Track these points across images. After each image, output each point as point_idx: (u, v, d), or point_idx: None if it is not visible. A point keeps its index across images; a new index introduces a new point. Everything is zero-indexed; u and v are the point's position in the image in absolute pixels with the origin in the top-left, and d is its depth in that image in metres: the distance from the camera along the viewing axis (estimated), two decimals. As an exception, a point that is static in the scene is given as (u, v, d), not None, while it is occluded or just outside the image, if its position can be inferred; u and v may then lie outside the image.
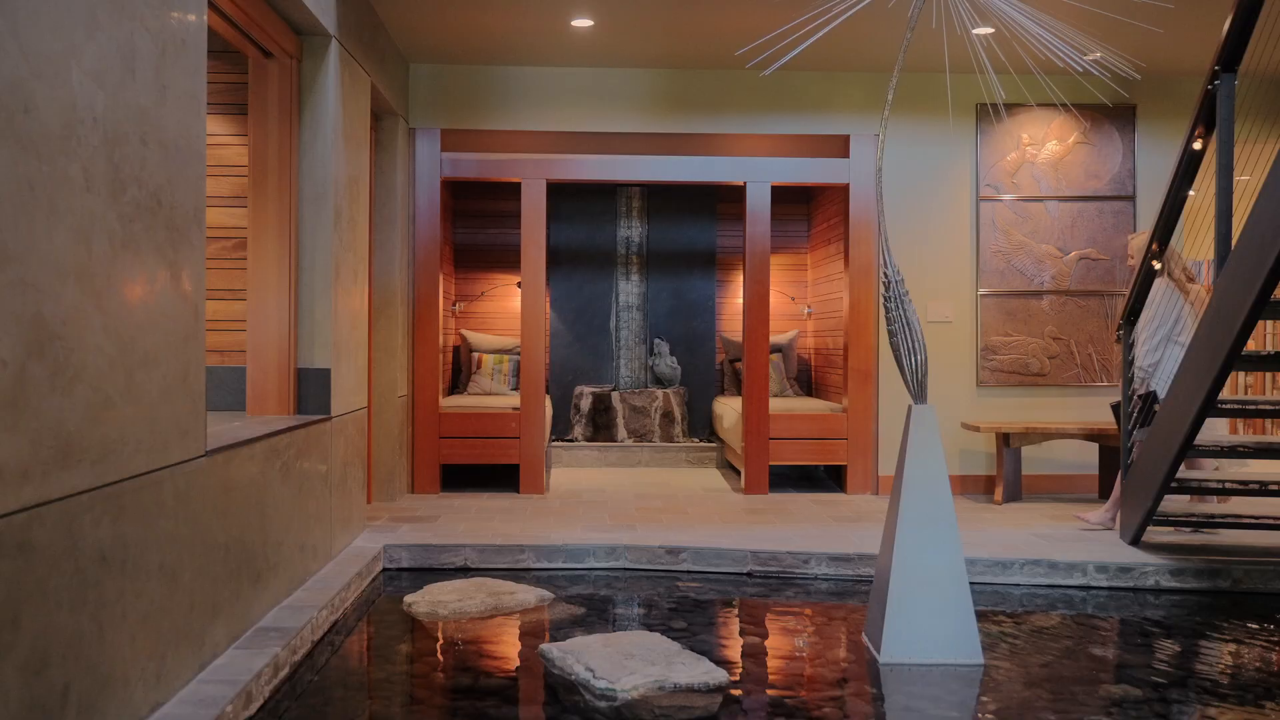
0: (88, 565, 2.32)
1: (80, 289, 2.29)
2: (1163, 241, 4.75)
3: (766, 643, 3.99)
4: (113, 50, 2.44)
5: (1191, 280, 5.11)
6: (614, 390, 8.21)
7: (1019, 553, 4.81)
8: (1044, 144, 6.61)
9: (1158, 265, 4.79)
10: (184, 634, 2.88)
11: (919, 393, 3.65)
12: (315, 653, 3.58)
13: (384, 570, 4.83)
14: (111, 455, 2.43)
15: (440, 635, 3.96)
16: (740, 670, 3.56)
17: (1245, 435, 7.45)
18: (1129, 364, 5.08)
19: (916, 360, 3.62)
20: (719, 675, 3.29)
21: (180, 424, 2.84)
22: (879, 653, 3.52)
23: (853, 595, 4.59)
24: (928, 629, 3.50)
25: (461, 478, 6.93)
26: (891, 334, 3.68)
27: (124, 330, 2.50)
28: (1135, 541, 4.97)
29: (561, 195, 8.21)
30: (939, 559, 3.54)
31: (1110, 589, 4.63)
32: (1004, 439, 6.26)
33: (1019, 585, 4.67)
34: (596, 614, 4.25)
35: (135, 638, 2.56)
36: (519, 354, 7.10)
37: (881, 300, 3.73)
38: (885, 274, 3.70)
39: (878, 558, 3.77)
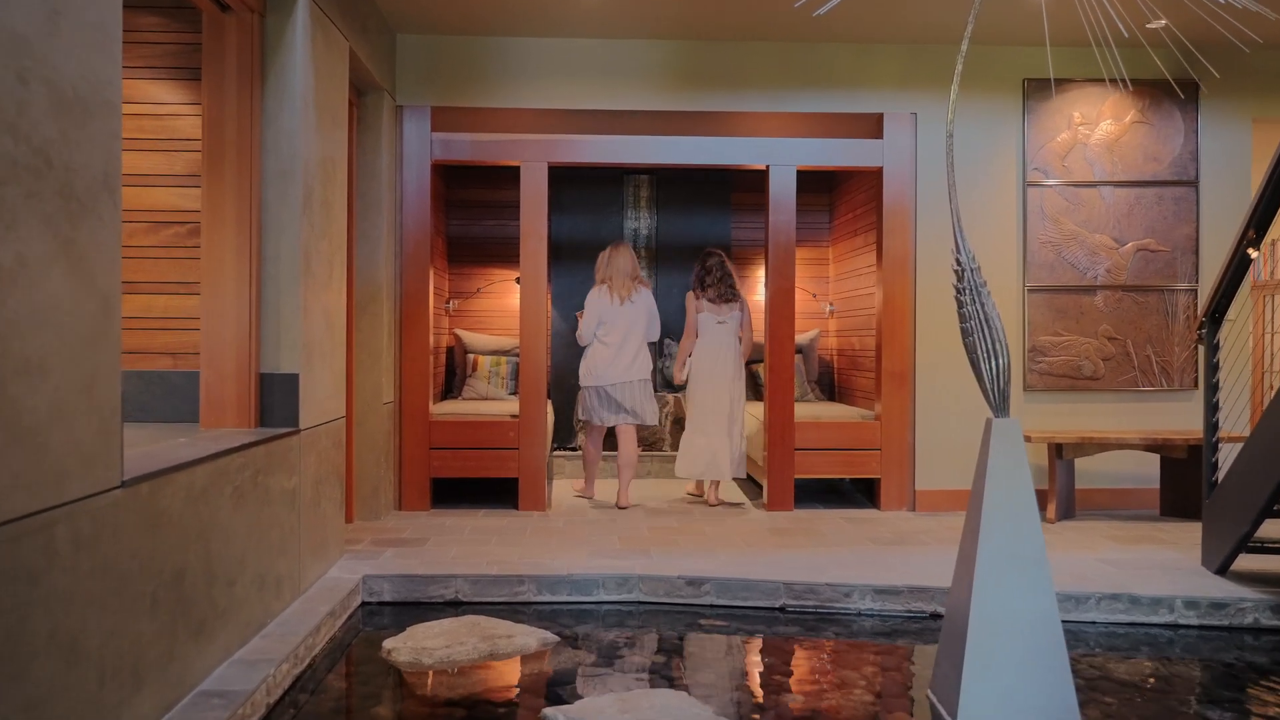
0: (-74, 649, 1.70)
1: (-87, 271, 1.67)
2: (1261, 227, 4.12)
3: (813, 702, 3.35)
4: (-30, -48, 1.82)
5: (638, 280, 6.04)
6: (621, 395, 7.57)
7: (1092, 585, 4.19)
8: (1098, 123, 5.98)
9: (1254, 253, 4.16)
10: (90, 716, 2.25)
11: (1001, 403, 3.02)
12: (270, 720, 2.96)
13: (363, 604, 4.20)
14: (-31, 496, 1.81)
15: (424, 691, 3.33)
16: (786, 741, 2.93)
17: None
18: (1214, 367, 4.46)
19: (997, 364, 3.00)
20: (764, 754, 2.67)
21: (82, 449, 2.22)
22: (954, 718, 2.89)
23: (903, 635, 3.97)
24: (1015, 690, 2.88)
25: (454, 492, 6.30)
26: (965, 332, 3.06)
27: (-10, 328, 1.88)
28: (1223, 571, 4.35)
29: (563, 184, 7.58)
30: (1028, 605, 2.91)
31: (1201, 628, 4.01)
32: (1056, 450, 5.63)
33: (1095, 623, 4.05)
34: (607, 662, 3.63)
35: (11, 733, 1.94)
36: (518, 356, 6.48)
37: (954, 292, 3.11)
38: (958, 260, 3.08)
39: (949, 598, 3.14)
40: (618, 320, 5.97)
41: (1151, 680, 3.51)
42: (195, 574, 2.89)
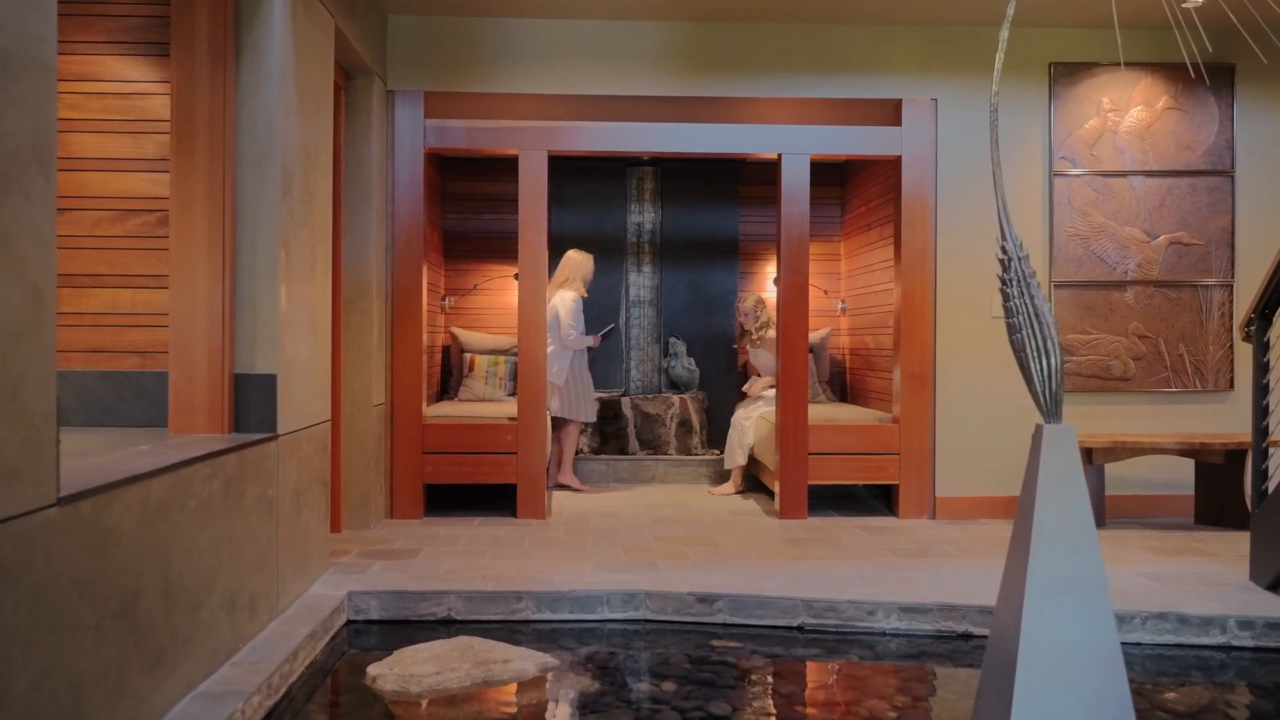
0: None
1: None
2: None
3: (838, 734, 3.05)
4: None
5: (561, 284, 6.47)
6: (624, 395, 7.27)
7: (1135, 602, 3.87)
8: (1128, 110, 5.66)
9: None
10: (15, 772, 1.94)
11: (1053, 407, 2.70)
12: (237, 762, 2.64)
13: (348, 623, 3.89)
14: None
15: (410, 725, 3.02)
16: (813, 785, 2.62)
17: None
18: (1264, 367, 4.15)
19: (1049, 364, 2.68)
20: (792, 804, 2.36)
21: (3, 463, 1.91)
22: (1001, 760, 2.58)
23: (932, 657, 3.66)
24: (1070, 729, 2.57)
25: (449, 499, 5.99)
26: (1012, 329, 2.74)
27: (-122, 320, 1.57)
28: (1274, 587, 4.04)
29: (564, 176, 7.26)
30: (1086, 632, 2.60)
31: (1257, 650, 3.69)
32: (1086, 455, 5.32)
33: (1141, 645, 3.73)
34: (613, 689, 3.31)
35: (-92, 802, 1.63)
36: (517, 355, 6.18)
37: (999, 284, 2.80)
38: (1004, 249, 2.77)
39: (993, 623, 2.83)
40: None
41: (1208, 710, 3.20)
42: (151, 599, 2.58)
